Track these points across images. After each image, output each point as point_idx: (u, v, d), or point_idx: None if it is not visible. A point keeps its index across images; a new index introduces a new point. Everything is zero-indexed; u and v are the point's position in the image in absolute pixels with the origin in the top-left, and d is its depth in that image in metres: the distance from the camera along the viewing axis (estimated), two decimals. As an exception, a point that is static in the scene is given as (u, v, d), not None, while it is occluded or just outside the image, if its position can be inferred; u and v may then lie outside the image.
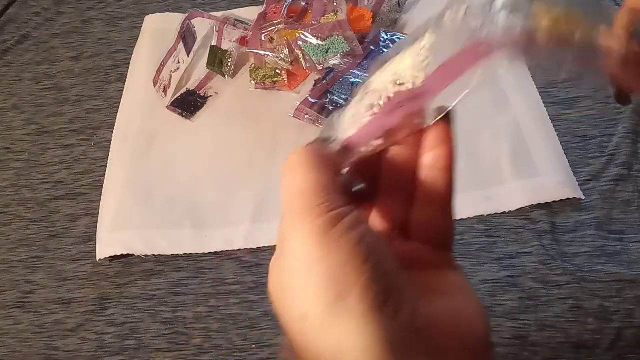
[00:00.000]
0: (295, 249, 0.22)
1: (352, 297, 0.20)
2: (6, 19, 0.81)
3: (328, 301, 0.20)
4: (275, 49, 0.64)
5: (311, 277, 0.21)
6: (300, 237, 0.22)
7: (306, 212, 0.22)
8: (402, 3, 0.70)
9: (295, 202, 0.22)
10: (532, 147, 0.56)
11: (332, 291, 0.20)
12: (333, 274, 0.21)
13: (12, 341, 0.52)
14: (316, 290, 0.21)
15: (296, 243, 0.22)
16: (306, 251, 0.21)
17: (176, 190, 0.59)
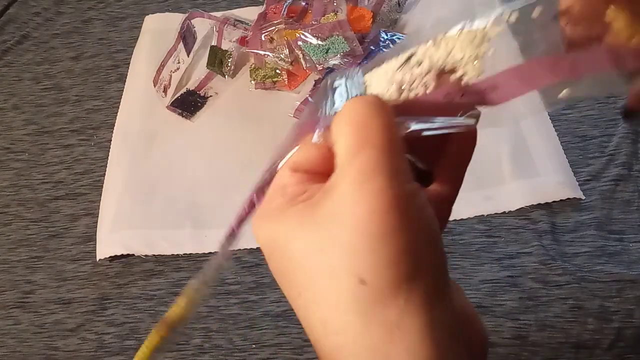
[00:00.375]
0: (371, 209, 0.19)
1: (423, 276, 0.19)
2: (6, 19, 0.81)
3: (399, 275, 0.19)
4: (275, 49, 0.64)
5: (384, 245, 0.19)
6: (382, 198, 0.19)
7: (389, 173, 0.19)
8: (402, 3, 0.70)
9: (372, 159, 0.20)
10: (532, 147, 0.56)
11: (403, 267, 0.19)
12: (406, 250, 0.19)
13: (12, 341, 0.52)
14: (387, 261, 0.19)
15: (374, 203, 0.19)
16: (386, 217, 0.19)
17: (176, 190, 0.59)
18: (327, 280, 0.20)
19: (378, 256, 0.19)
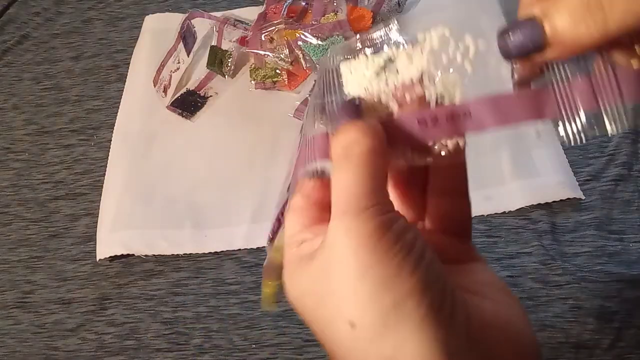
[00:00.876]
0: (345, 253, 0.20)
1: (409, 304, 0.19)
2: (6, 19, 0.81)
3: (382, 309, 0.19)
4: (275, 49, 0.64)
5: (363, 283, 0.20)
6: (351, 241, 0.20)
7: (360, 210, 0.20)
8: (402, 3, 0.70)
9: (343, 202, 0.21)
10: (532, 147, 0.56)
11: (387, 299, 0.19)
12: (387, 281, 0.19)
13: (12, 341, 0.52)
14: (369, 298, 0.20)
15: (345, 247, 0.20)
16: (358, 256, 0.20)
17: (176, 190, 0.59)
18: (330, 331, 0.21)
19: (359, 296, 0.20)
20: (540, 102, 0.22)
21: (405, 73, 0.23)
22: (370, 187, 0.21)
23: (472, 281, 0.23)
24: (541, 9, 0.20)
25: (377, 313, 0.19)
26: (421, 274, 0.20)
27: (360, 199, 0.21)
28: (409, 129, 0.22)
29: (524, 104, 0.22)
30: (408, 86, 0.23)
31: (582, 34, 0.19)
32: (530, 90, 0.22)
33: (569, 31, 0.19)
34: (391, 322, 0.19)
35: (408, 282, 0.20)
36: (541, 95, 0.22)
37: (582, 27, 0.19)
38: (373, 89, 0.23)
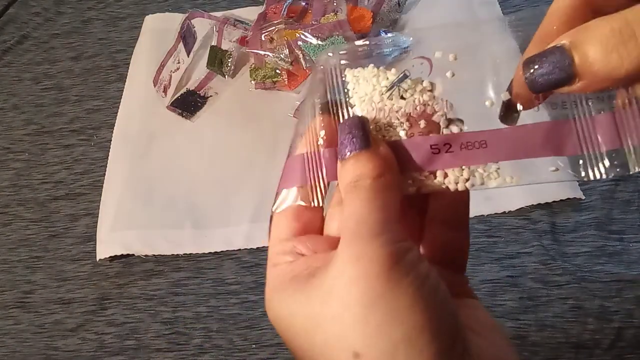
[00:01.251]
0: (354, 279, 0.19)
1: (421, 340, 0.18)
2: (6, 19, 0.81)
3: (392, 342, 0.18)
4: (275, 49, 0.64)
5: (374, 312, 0.18)
6: (362, 267, 0.19)
7: (373, 237, 0.19)
8: (402, 3, 0.70)
9: (353, 228, 0.20)
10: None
11: (399, 332, 0.18)
12: (399, 313, 0.18)
13: (12, 341, 0.52)
14: (378, 329, 0.18)
15: (355, 273, 0.19)
16: (370, 282, 0.19)
17: (176, 190, 0.59)
18: (326, 355, 0.19)
19: (367, 326, 0.18)
20: (559, 138, 0.21)
21: (418, 95, 0.23)
22: (382, 217, 0.20)
23: (470, 318, 0.22)
24: (570, 38, 0.19)
25: (386, 346, 0.18)
26: (435, 308, 0.19)
27: (372, 226, 0.20)
28: (419, 153, 0.22)
29: (543, 140, 0.21)
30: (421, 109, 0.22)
31: (614, 65, 0.18)
32: (550, 124, 0.21)
33: (600, 61, 0.18)
34: (400, 356, 0.18)
35: (422, 315, 0.18)
36: (561, 131, 0.21)
37: (614, 58, 0.18)
38: (383, 106, 0.23)
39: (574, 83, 0.19)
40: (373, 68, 0.23)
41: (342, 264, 0.19)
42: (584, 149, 0.21)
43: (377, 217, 0.20)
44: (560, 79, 0.19)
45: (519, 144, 0.21)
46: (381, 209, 0.20)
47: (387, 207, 0.20)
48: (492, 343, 0.21)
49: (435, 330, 0.18)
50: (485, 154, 0.22)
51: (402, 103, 0.23)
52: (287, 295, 0.21)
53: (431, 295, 0.19)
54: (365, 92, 0.23)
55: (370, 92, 0.23)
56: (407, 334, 0.18)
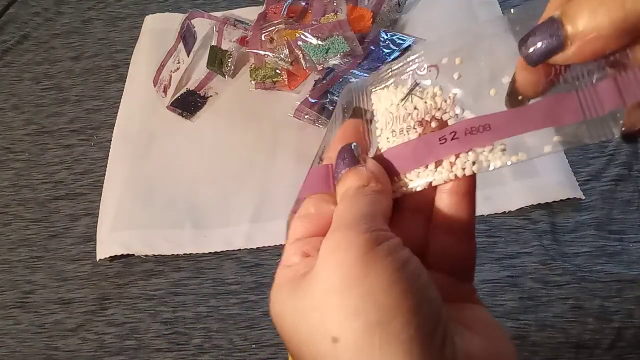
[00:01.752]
0: (332, 265, 0.19)
1: (396, 322, 0.18)
2: (6, 19, 0.81)
3: (367, 324, 0.18)
4: (275, 49, 0.64)
5: (349, 296, 0.19)
6: (339, 254, 0.19)
7: (350, 227, 0.20)
8: (402, 3, 0.70)
9: (336, 222, 0.21)
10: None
11: (373, 314, 0.18)
12: (375, 296, 0.18)
13: (12, 341, 0.52)
14: (354, 312, 0.18)
15: (332, 259, 0.19)
16: (346, 268, 0.19)
17: (176, 190, 0.59)
18: (308, 348, 0.19)
19: (343, 309, 0.18)
20: (562, 109, 0.21)
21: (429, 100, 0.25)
22: (361, 212, 0.21)
23: (465, 316, 0.22)
24: (561, 9, 0.20)
25: (361, 329, 0.18)
26: (414, 293, 0.19)
27: (350, 219, 0.20)
28: (429, 147, 0.23)
29: (546, 113, 0.21)
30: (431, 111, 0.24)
31: (601, 19, 0.18)
32: (552, 98, 0.22)
33: (588, 23, 0.19)
34: (376, 339, 0.18)
35: (398, 299, 0.18)
36: (563, 102, 0.21)
37: (601, 12, 0.18)
38: (399, 114, 0.25)
39: (567, 47, 0.19)
40: (392, 86, 0.26)
41: (322, 255, 0.20)
42: (587, 114, 0.21)
43: (356, 212, 0.21)
44: (553, 45, 0.20)
45: (522, 121, 0.21)
46: (362, 207, 0.21)
47: (368, 205, 0.21)
48: (490, 340, 0.21)
49: (412, 314, 0.18)
50: (490, 135, 0.22)
51: (416, 107, 0.25)
52: (282, 293, 0.21)
53: (410, 280, 0.19)
54: (385, 107, 0.26)
55: (389, 106, 0.26)
56: (382, 317, 0.18)
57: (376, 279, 0.19)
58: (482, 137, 0.22)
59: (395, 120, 0.25)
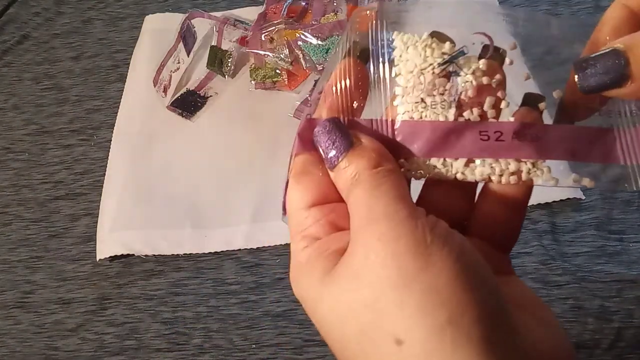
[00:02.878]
0: (382, 259, 0.18)
1: (466, 319, 0.17)
2: (6, 19, 0.81)
3: (435, 324, 0.17)
4: (275, 49, 0.64)
5: (411, 293, 0.17)
6: (388, 245, 0.18)
7: (390, 217, 0.18)
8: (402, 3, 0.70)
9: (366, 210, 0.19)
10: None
11: (441, 312, 0.17)
12: (439, 291, 0.17)
13: (12, 341, 0.52)
14: (419, 310, 0.17)
15: (382, 252, 0.18)
16: (401, 262, 0.17)
17: (176, 190, 0.59)
18: (363, 344, 0.18)
19: (406, 309, 0.17)
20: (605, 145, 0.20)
21: (471, 77, 0.21)
22: (393, 197, 0.19)
23: (516, 295, 0.21)
24: (624, 41, 0.19)
25: (430, 329, 0.17)
26: (478, 284, 0.17)
27: (385, 207, 0.18)
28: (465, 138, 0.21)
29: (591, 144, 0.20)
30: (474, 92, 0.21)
31: None
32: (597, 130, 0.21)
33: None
34: (447, 340, 0.17)
35: (464, 293, 0.17)
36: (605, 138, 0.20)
37: None
38: (434, 82, 0.21)
39: (626, 85, 0.19)
40: (427, 37, 0.21)
41: (363, 248, 0.18)
42: (627, 159, 0.20)
43: (387, 199, 0.19)
44: (614, 79, 0.19)
45: (571, 144, 0.20)
46: (389, 192, 0.19)
47: (395, 189, 0.19)
48: (541, 321, 0.20)
49: (480, 309, 0.17)
50: (538, 149, 0.20)
51: (456, 82, 0.21)
52: (313, 277, 0.19)
53: (471, 270, 0.18)
54: (415, 63, 0.21)
55: (420, 64, 0.21)
56: (451, 315, 0.17)
57: (437, 273, 0.17)
58: (529, 148, 0.20)
59: (425, 88, 0.21)
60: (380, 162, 0.20)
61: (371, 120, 0.22)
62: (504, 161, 0.21)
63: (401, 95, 0.21)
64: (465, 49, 0.21)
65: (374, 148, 0.21)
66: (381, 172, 0.20)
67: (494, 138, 0.20)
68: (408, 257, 0.17)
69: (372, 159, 0.20)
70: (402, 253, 0.17)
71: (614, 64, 0.19)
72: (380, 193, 0.19)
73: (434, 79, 0.21)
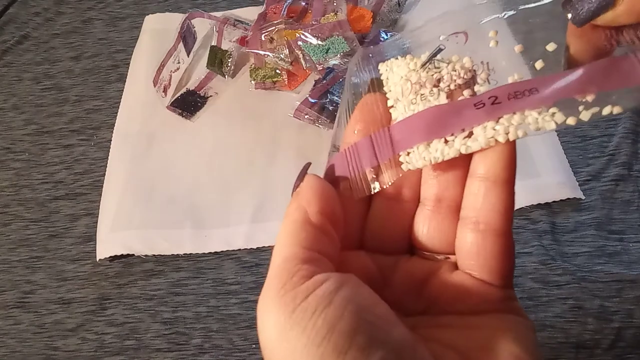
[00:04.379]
0: (264, 339, 0.19)
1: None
2: (6, 19, 0.81)
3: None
4: (275, 49, 0.64)
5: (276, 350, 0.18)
6: (266, 325, 0.19)
7: (269, 287, 0.19)
8: (402, 3, 0.70)
9: (268, 280, 0.20)
10: (532, 147, 0.56)
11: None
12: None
13: (12, 341, 0.52)
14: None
15: (263, 331, 0.19)
16: (272, 346, 0.18)
17: (176, 190, 0.59)
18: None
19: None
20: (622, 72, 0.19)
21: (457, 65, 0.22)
22: (281, 259, 0.20)
23: (478, 345, 0.20)
24: None
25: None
26: (353, 354, 0.17)
27: (273, 269, 0.20)
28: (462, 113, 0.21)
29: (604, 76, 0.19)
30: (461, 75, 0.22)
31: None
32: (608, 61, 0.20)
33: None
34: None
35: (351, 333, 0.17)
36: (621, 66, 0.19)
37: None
38: (420, 78, 0.22)
39: (618, 3, 0.18)
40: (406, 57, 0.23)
41: (259, 319, 0.21)
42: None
43: (275, 262, 0.20)
44: (602, 2, 0.19)
45: (576, 84, 0.20)
46: (280, 252, 0.21)
47: (286, 247, 0.20)
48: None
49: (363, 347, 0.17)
50: (538, 99, 0.20)
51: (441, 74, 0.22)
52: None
53: (346, 336, 0.17)
54: (401, 75, 0.22)
55: (405, 73, 0.22)
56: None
57: (302, 351, 0.18)
58: (529, 100, 0.20)
59: (414, 88, 0.22)
60: (292, 209, 0.21)
61: (370, 135, 0.23)
62: (506, 120, 0.20)
63: (394, 104, 0.23)
64: (442, 45, 0.22)
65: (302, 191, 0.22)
66: (283, 224, 0.21)
67: (489, 103, 0.20)
68: (276, 333, 0.19)
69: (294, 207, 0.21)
70: (272, 330, 0.19)
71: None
72: (274, 252, 0.20)
73: (419, 78, 0.22)
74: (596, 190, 0.54)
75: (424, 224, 0.23)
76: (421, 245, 0.23)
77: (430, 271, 0.22)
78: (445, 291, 0.21)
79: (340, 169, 0.23)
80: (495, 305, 0.21)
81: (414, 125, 0.21)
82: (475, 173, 0.21)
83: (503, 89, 0.21)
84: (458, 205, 0.22)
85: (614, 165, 0.55)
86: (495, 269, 0.21)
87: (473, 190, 0.21)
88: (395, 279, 0.23)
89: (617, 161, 0.55)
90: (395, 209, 0.23)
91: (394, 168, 0.22)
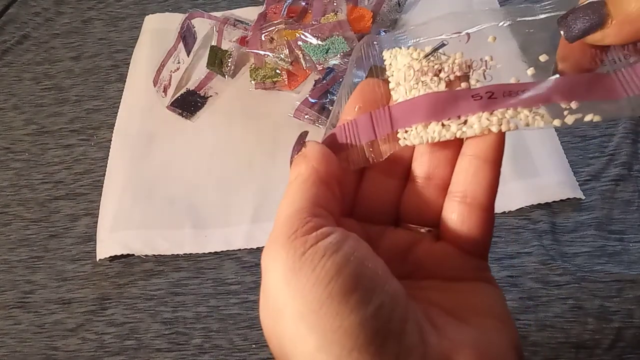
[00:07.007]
0: (265, 280, 0.19)
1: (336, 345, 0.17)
2: (6, 19, 0.81)
3: (307, 350, 0.17)
4: (275, 49, 0.64)
5: (284, 323, 0.18)
6: (272, 270, 0.19)
7: (276, 239, 0.20)
8: (402, 3, 0.70)
9: (275, 230, 0.20)
10: (532, 147, 0.56)
11: (310, 339, 0.17)
12: (308, 316, 0.18)
13: (12, 341, 0.52)
14: (292, 338, 0.18)
15: (269, 277, 0.19)
16: (278, 288, 0.19)
17: (176, 190, 0.59)
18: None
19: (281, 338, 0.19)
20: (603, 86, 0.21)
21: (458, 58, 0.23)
22: (288, 212, 0.21)
23: (460, 305, 0.21)
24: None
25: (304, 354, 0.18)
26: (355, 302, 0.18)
27: (280, 222, 0.20)
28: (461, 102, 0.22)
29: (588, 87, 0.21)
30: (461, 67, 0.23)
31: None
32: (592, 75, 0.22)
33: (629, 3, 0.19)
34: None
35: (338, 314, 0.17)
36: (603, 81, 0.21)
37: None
38: (422, 67, 0.23)
39: (607, 25, 0.20)
40: (409, 48, 0.24)
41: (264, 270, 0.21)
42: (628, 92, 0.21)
43: (281, 216, 0.21)
44: (595, 20, 0.20)
45: (564, 91, 0.21)
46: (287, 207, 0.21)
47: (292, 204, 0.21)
48: (480, 329, 0.20)
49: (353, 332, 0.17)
50: (527, 100, 0.22)
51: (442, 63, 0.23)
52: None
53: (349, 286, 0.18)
54: (404, 63, 0.24)
55: (409, 61, 0.24)
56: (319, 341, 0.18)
57: (308, 297, 0.18)
58: (520, 100, 0.22)
59: (416, 75, 0.23)
60: (302, 169, 0.22)
61: (370, 112, 0.24)
62: (499, 113, 0.22)
63: (395, 87, 0.24)
64: (445, 41, 0.24)
65: (309, 153, 0.23)
66: (293, 183, 0.22)
67: (486, 97, 0.22)
68: (284, 282, 0.19)
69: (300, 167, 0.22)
70: (279, 278, 0.19)
71: (592, 8, 0.20)
72: (281, 207, 0.21)
73: (422, 67, 0.24)
74: (596, 190, 0.54)
75: (412, 198, 0.25)
76: (408, 218, 0.25)
77: (415, 241, 0.24)
78: (429, 258, 0.23)
79: (338, 141, 0.24)
80: (472, 273, 0.23)
81: (415, 106, 0.23)
82: (467, 152, 0.23)
83: (499, 86, 0.22)
84: (446, 184, 0.24)
85: (614, 165, 0.55)
86: (476, 240, 0.23)
87: (464, 167, 0.23)
88: (382, 246, 0.24)
89: (617, 161, 0.55)
90: (386, 183, 0.25)
91: (391, 143, 0.23)
